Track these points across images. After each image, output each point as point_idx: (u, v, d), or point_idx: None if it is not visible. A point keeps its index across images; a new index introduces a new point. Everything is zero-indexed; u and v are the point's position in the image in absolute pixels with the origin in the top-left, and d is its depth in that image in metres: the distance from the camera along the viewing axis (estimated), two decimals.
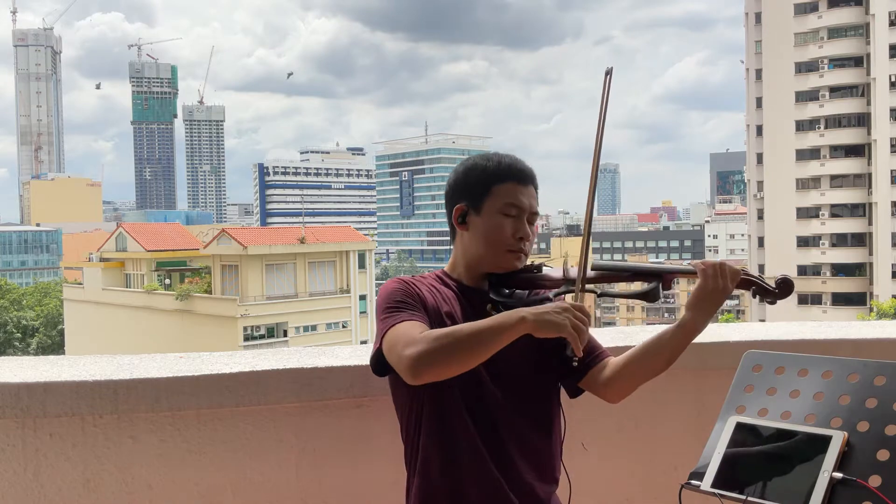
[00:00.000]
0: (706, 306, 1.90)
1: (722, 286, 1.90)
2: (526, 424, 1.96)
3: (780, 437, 1.56)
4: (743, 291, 2.02)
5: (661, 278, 1.96)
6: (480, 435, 1.91)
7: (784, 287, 1.96)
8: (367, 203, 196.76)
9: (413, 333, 1.79)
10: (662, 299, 2.09)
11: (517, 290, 2.03)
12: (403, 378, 1.80)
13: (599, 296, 2.03)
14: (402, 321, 1.85)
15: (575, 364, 1.84)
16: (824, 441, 1.51)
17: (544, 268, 2.04)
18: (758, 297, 1.99)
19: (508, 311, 1.79)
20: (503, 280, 2.02)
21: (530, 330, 1.73)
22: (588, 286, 1.97)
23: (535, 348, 1.92)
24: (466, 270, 2.05)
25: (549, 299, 2.00)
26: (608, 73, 1.92)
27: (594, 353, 2.03)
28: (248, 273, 41.32)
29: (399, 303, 1.91)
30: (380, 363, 1.90)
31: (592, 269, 1.99)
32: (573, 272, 1.97)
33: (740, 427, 1.62)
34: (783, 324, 3.08)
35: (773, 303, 1.97)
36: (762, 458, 1.56)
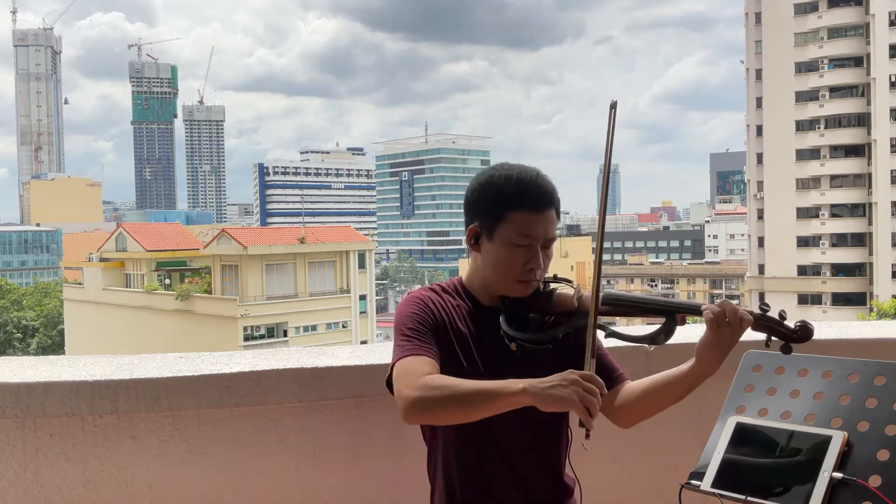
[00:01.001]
0: (714, 356, 1.82)
1: (730, 338, 1.79)
2: (538, 437, 1.98)
3: (780, 437, 1.56)
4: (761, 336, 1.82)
5: (674, 318, 1.87)
6: (494, 448, 1.93)
7: (803, 333, 1.77)
8: (367, 203, 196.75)
9: (416, 372, 1.79)
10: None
11: (532, 316, 1.99)
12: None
13: (608, 336, 1.96)
14: (410, 355, 1.85)
15: (588, 438, 1.71)
16: (824, 441, 1.51)
17: (559, 289, 2.00)
18: (770, 341, 1.80)
19: (509, 380, 1.72)
20: (516, 303, 1.99)
21: (532, 403, 1.67)
22: (598, 322, 1.90)
23: (551, 363, 1.90)
24: (482, 288, 2.03)
25: (556, 338, 1.94)
26: (613, 107, 1.84)
27: (612, 375, 2.01)
28: (248, 273, 41.33)
29: (411, 330, 1.91)
30: (391, 385, 1.92)
31: (604, 303, 1.90)
32: (584, 300, 1.91)
33: (740, 427, 1.61)
34: None
35: (787, 351, 1.75)
36: (762, 458, 1.56)
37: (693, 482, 1.59)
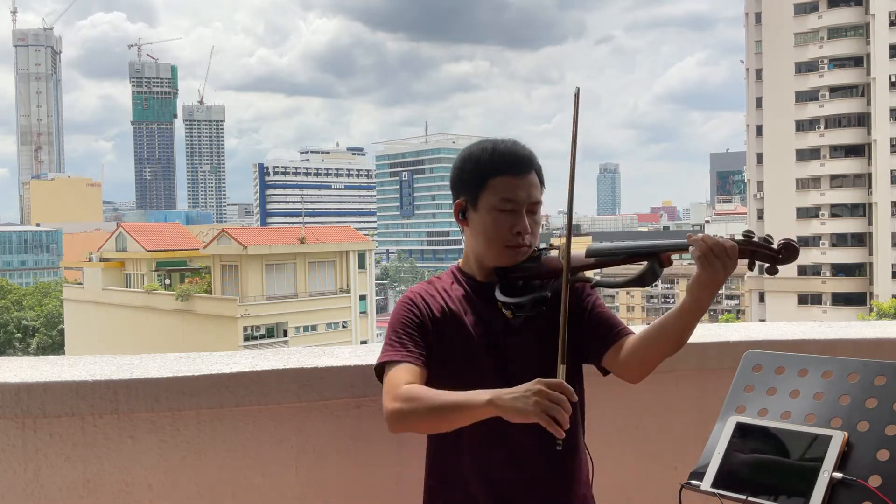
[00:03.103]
0: (706, 293, 1.80)
1: (722, 267, 1.76)
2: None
3: (781, 437, 1.56)
4: (743, 262, 1.83)
5: (657, 258, 1.88)
6: (500, 443, 1.92)
7: (787, 251, 1.76)
8: (367, 203, 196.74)
9: (397, 383, 1.85)
10: (658, 284, 2.01)
11: (524, 283, 2.00)
12: None
13: (594, 286, 1.98)
14: (392, 361, 1.90)
15: (559, 448, 1.68)
16: (824, 441, 1.50)
17: (545, 253, 2.02)
18: (756, 266, 1.81)
19: (478, 391, 1.72)
20: (509, 273, 2.01)
21: (498, 415, 1.68)
22: (582, 274, 1.94)
23: (551, 325, 1.89)
24: (476, 265, 2.05)
25: (546, 298, 1.95)
26: (576, 94, 1.84)
27: (613, 331, 2.00)
28: (248, 273, 41.33)
29: (397, 334, 1.94)
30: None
31: (587, 255, 1.95)
32: (573, 257, 1.92)
33: (740, 427, 1.61)
34: (783, 324, 3.08)
35: (773, 272, 1.78)
36: (762, 458, 1.56)
37: (693, 482, 1.58)
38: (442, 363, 1.94)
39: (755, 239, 1.79)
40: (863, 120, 58.59)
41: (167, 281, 45.28)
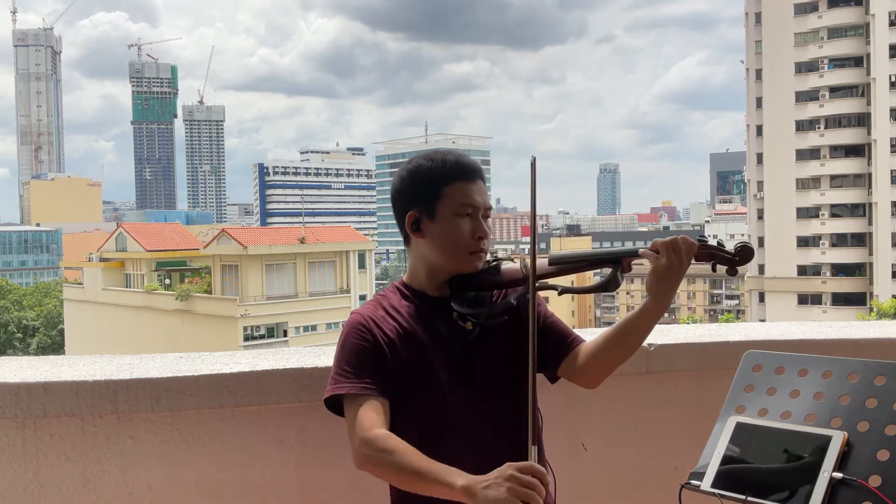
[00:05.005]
0: (665, 287, 1.86)
1: (677, 264, 1.85)
2: (504, 430, 1.92)
3: (780, 437, 1.56)
4: (703, 264, 1.95)
5: (619, 264, 1.92)
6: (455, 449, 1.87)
7: (744, 253, 1.89)
8: (367, 203, 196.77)
9: (368, 423, 1.81)
10: (623, 283, 2.03)
11: (480, 293, 1.98)
12: None
13: (561, 293, 1.98)
14: (357, 395, 1.86)
15: None
16: (824, 441, 1.50)
17: (503, 264, 2.01)
18: (716, 268, 1.93)
19: (452, 470, 1.68)
20: (464, 282, 1.98)
21: (469, 501, 1.65)
22: (546, 281, 1.94)
23: (510, 334, 1.93)
24: (428, 279, 2.00)
25: (511, 306, 1.95)
26: (532, 163, 1.85)
27: (567, 339, 2.02)
28: (248, 273, 41.33)
29: (353, 364, 1.89)
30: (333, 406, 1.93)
31: (550, 264, 1.96)
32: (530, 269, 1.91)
33: (740, 427, 1.61)
34: (783, 324, 3.08)
35: (733, 273, 1.91)
36: (762, 458, 1.56)
37: (693, 482, 1.58)
38: (402, 385, 1.90)
39: (709, 242, 1.90)
40: (863, 120, 58.60)
41: (167, 281, 45.28)
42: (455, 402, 1.90)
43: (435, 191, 1.95)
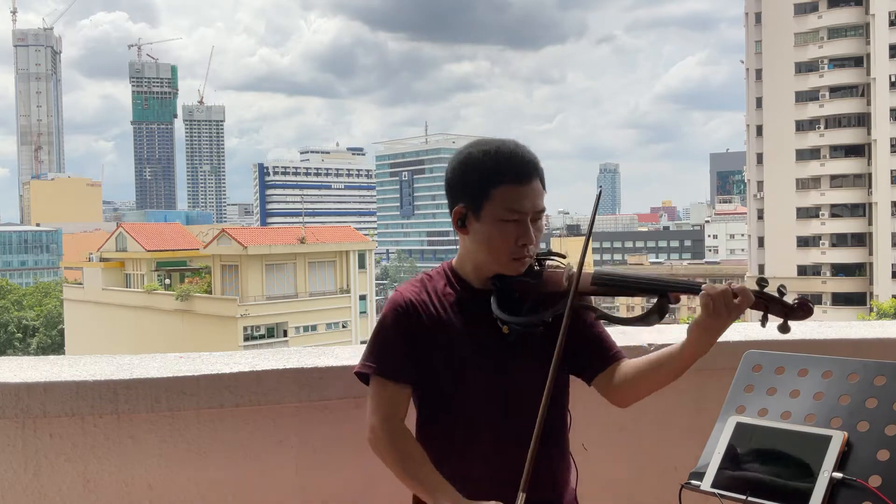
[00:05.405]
0: (708, 336, 1.78)
1: (725, 316, 1.73)
2: (523, 435, 1.87)
3: (780, 437, 1.56)
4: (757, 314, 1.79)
5: (666, 297, 1.80)
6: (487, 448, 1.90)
7: (802, 309, 1.70)
8: (367, 203, 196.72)
9: (382, 405, 1.89)
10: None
11: (523, 298, 1.93)
12: None
13: (598, 318, 1.95)
14: (379, 374, 1.90)
15: None
16: (824, 441, 1.50)
17: (548, 269, 1.96)
18: (766, 319, 1.75)
19: (445, 488, 1.77)
20: (506, 283, 1.93)
21: None
22: (587, 301, 1.91)
23: (545, 344, 1.87)
24: (474, 272, 1.97)
25: (547, 323, 1.88)
26: (599, 195, 1.85)
27: (609, 353, 1.98)
28: (248, 273, 41.31)
29: (382, 349, 1.92)
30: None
31: (594, 282, 1.88)
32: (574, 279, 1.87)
33: (740, 427, 1.61)
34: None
35: (785, 330, 1.71)
36: (762, 458, 1.56)
37: (693, 482, 1.58)
38: (431, 372, 1.90)
39: (767, 289, 1.73)
40: (863, 120, 58.59)
41: (167, 281, 45.26)
42: (479, 398, 1.90)
43: (483, 190, 1.87)
